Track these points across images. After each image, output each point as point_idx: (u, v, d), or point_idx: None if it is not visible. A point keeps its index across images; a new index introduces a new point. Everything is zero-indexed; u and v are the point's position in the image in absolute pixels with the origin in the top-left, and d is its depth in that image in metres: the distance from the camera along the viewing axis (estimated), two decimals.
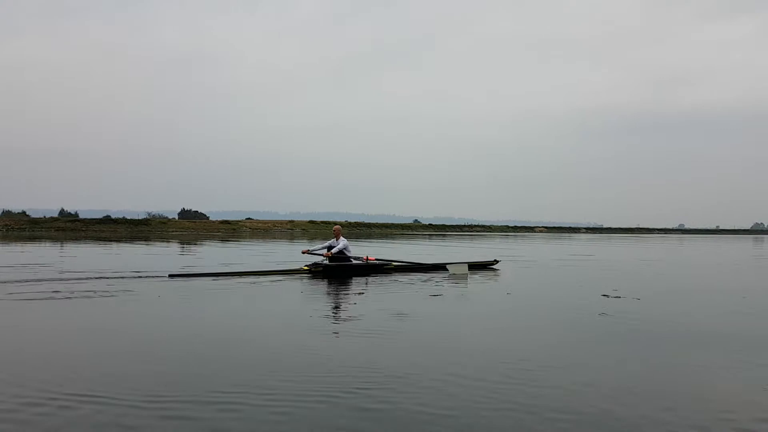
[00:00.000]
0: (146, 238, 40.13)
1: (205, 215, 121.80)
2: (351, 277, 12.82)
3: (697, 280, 15.03)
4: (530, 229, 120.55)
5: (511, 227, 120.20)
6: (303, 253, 14.91)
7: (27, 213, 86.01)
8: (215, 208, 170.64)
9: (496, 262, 16.41)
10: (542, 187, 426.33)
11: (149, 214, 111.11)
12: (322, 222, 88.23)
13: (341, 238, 13.83)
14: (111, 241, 34.58)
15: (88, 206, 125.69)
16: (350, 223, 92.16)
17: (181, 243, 33.67)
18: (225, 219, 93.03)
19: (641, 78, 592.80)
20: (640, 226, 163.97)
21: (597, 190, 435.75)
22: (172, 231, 63.91)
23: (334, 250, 13.51)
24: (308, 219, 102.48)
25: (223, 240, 40.45)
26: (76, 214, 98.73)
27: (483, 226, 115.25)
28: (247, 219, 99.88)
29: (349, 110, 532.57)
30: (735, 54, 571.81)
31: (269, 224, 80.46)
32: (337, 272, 13.15)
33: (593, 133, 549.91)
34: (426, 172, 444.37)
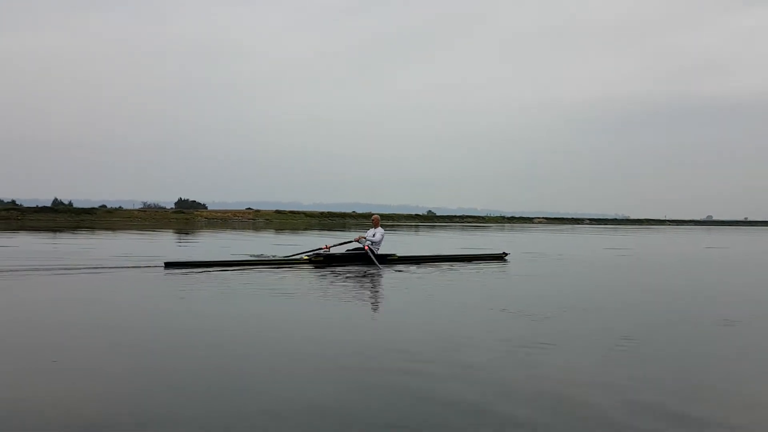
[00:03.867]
0: (90, 228, 40.27)
1: (203, 205, 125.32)
2: (352, 266, 12.76)
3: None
4: (528, 219, 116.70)
5: (508, 218, 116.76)
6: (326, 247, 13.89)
7: (16, 202, 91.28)
8: (227, 199, 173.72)
9: (506, 254, 15.82)
10: (569, 178, 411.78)
11: (144, 204, 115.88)
12: (290, 212, 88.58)
13: (379, 227, 14.02)
14: (43, 231, 33.62)
15: (84, 196, 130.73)
16: (321, 213, 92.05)
17: (102, 233, 31.59)
18: (225, 209, 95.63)
19: (664, 66, 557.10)
20: (668, 218, 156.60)
21: (624, 181, 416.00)
22: (118, 220, 65.63)
23: (368, 240, 13.58)
24: (333, 210, 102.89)
25: (163, 231, 38.54)
26: (70, 204, 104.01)
27: (476, 217, 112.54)
28: (247, 209, 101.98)
29: (364, 102, 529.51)
30: (765, 41, 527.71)
31: (229, 214, 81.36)
32: (338, 261, 13.17)
33: (618, 124, 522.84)
34: (449, 162, 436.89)
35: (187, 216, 74.17)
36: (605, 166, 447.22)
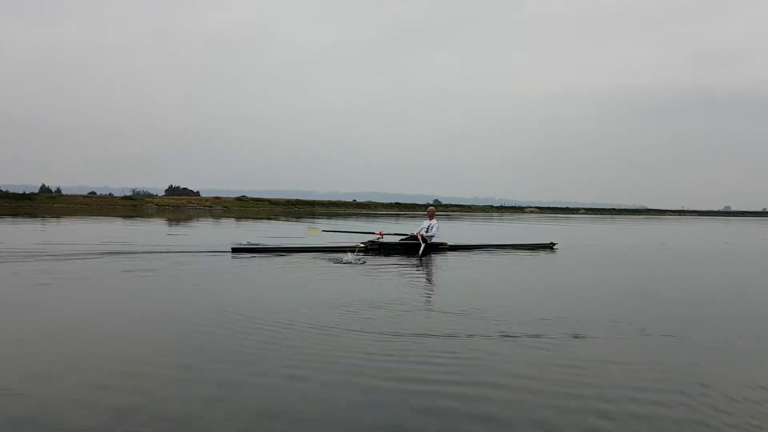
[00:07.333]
0: (29, 214, 39.33)
1: (194, 192, 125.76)
2: (406, 255, 13.42)
3: None
4: (520, 209, 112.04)
5: (497, 208, 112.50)
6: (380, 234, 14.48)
7: (4, 190, 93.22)
8: (228, 187, 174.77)
9: (554, 244, 16.50)
10: (583, 167, 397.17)
11: (133, 191, 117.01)
12: (253, 199, 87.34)
13: (434, 219, 14.72)
14: None
15: (74, 183, 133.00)
16: (288, 201, 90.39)
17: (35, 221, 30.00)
18: (218, 196, 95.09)
19: (686, 55, 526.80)
20: (684, 208, 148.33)
21: (640, 171, 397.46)
22: (59, 206, 65.58)
23: (426, 232, 14.22)
24: (352, 199, 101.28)
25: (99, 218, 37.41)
26: (59, 190, 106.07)
27: (461, 206, 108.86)
28: (241, 196, 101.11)
29: (379, 90, 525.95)
30: None
31: (183, 200, 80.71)
32: (392, 249, 13.88)
33: (638, 113, 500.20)
34: (465, 151, 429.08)
35: (135, 203, 73.86)
36: (627, 156, 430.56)
